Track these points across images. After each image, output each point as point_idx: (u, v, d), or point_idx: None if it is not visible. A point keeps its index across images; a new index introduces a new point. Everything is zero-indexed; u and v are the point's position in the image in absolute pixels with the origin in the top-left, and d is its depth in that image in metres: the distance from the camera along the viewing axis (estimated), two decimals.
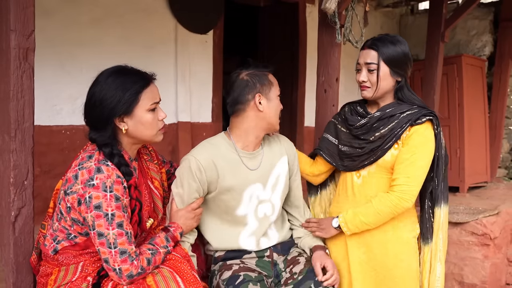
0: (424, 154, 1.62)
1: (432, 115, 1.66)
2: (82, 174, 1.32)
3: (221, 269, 1.61)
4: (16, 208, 1.43)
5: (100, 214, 1.29)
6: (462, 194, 3.77)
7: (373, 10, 4.82)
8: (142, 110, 1.40)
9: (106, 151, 1.36)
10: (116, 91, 1.36)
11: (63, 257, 1.40)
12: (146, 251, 1.39)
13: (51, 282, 1.40)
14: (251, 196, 1.65)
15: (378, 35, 1.76)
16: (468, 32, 4.52)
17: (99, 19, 2.93)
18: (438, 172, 1.69)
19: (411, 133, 1.63)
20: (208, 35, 3.54)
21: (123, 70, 1.43)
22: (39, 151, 2.79)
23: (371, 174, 1.72)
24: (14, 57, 1.40)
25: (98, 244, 1.32)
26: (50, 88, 2.83)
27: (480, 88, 4.11)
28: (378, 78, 1.66)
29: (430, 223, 1.72)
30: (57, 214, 1.41)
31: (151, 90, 1.43)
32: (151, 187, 1.55)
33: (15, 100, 1.42)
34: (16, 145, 1.42)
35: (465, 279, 2.97)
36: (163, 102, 3.61)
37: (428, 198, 1.72)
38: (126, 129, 1.40)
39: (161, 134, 1.49)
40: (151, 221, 1.51)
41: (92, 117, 1.40)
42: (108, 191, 1.30)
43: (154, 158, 1.65)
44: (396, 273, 1.69)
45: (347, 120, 1.80)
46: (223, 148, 1.61)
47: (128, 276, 1.32)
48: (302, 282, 1.57)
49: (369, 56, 1.67)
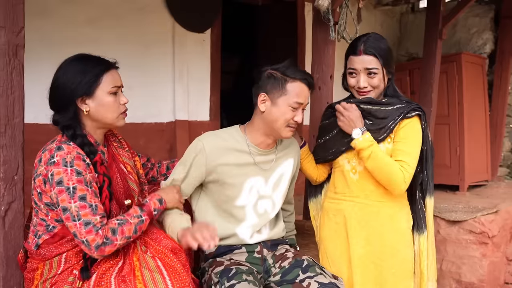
0: (415, 144, 1.70)
1: (420, 110, 1.72)
2: (45, 155, 1.37)
3: (212, 265, 1.63)
4: (6, 202, 1.45)
5: (62, 189, 1.32)
6: (462, 193, 3.75)
7: (373, 9, 4.81)
8: (103, 92, 1.45)
9: (69, 133, 1.41)
10: (78, 73, 1.42)
11: (45, 251, 1.42)
12: (112, 221, 1.40)
13: (37, 276, 1.42)
14: (251, 188, 1.67)
15: (363, 35, 1.76)
16: (468, 30, 4.49)
17: (96, 18, 2.96)
18: (427, 165, 1.77)
19: (402, 126, 1.70)
20: (206, 34, 3.56)
21: (86, 56, 1.49)
22: (37, 149, 2.80)
23: (367, 169, 1.74)
24: (3, 54, 1.42)
25: (65, 219, 1.34)
26: (47, 86, 2.86)
27: (481, 86, 4.09)
28: (380, 82, 1.70)
29: (422, 213, 1.80)
30: (34, 208, 1.44)
31: (111, 74, 1.48)
32: (123, 170, 1.58)
33: (4, 96, 1.44)
34: (6, 140, 1.44)
35: (463, 277, 2.95)
36: (161, 100, 3.62)
37: (419, 190, 1.80)
38: (87, 110, 1.44)
39: (123, 119, 1.53)
40: (128, 202, 1.55)
41: (55, 100, 1.46)
42: (68, 166, 1.34)
43: (125, 146, 1.68)
44: (393, 263, 1.74)
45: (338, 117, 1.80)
46: (231, 139, 1.65)
47: (96, 247, 1.33)
48: (289, 270, 1.61)
49: (369, 62, 1.69)
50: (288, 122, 1.60)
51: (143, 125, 3.19)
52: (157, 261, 1.41)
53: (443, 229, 3.09)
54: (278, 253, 1.73)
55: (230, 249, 1.68)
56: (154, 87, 3.27)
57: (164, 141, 3.35)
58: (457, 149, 3.80)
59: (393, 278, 1.74)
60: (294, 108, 1.59)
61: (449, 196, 3.69)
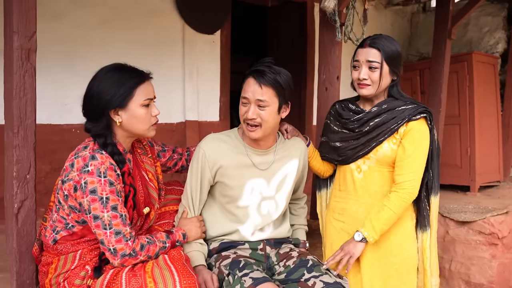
0: (423, 150, 1.71)
1: (427, 111, 1.73)
2: (78, 162, 1.40)
3: (218, 259, 1.65)
4: (19, 200, 1.51)
5: (95, 198, 1.37)
6: (472, 193, 3.71)
7: (383, 9, 4.80)
8: (135, 104, 1.47)
9: (100, 141, 1.45)
10: (113, 85, 1.44)
11: (62, 246, 1.47)
12: (143, 237, 1.47)
13: (51, 270, 1.47)
14: (252, 190, 1.69)
15: (374, 35, 1.79)
16: (480, 29, 4.44)
17: (108, 20, 3.02)
18: (433, 165, 1.78)
19: (409, 129, 1.70)
20: (216, 35, 3.60)
21: (121, 66, 1.51)
22: (51, 149, 2.89)
23: (372, 168, 1.77)
24: (16, 58, 1.48)
25: (94, 226, 1.39)
26: (61, 88, 2.93)
27: (493, 86, 4.04)
28: (381, 76, 1.71)
29: (426, 211, 1.81)
30: (56, 205, 1.49)
31: (145, 87, 1.50)
32: (145, 178, 1.63)
33: (17, 98, 1.49)
34: (18, 141, 1.50)
35: (472, 278, 2.93)
36: (171, 101, 3.68)
37: (424, 189, 1.79)
38: (120, 121, 1.48)
39: (154, 130, 1.56)
40: (147, 209, 1.59)
41: (88, 109, 1.48)
42: (102, 176, 1.38)
43: (148, 152, 1.72)
44: (397, 260, 1.77)
45: (341, 115, 1.84)
46: (230, 142, 1.67)
47: (121, 256, 1.39)
48: (294, 270, 1.62)
49: (371, 54, 1.71)
50: (243, 118, 1.61)
51: None
52: (165, 258, 1.47)
53: (452, 230, 3.07)
54: (282, 251, 1.75)
55: (234, 245, 1.71)
56: (164, 88, 3.31)
57: (174, 141, 3.40)
58: (468, 149, 3.77)
59: (396, 274, 1.76)
60: (243, 104, 1.60)
61: (460, 196, 3.66)
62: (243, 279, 1.47)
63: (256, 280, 1.45)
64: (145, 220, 1.61)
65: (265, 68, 1.57)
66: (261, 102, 1.56)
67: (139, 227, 1.59)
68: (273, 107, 1.58)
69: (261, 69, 1.57)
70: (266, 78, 1.55)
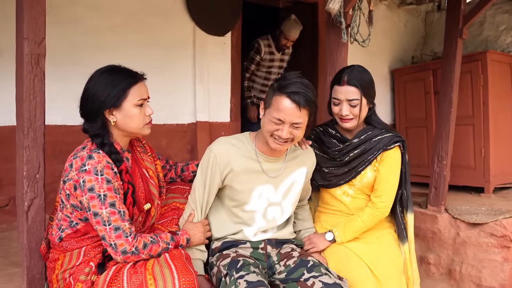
0: (396, 173, 1.92)
1: (400, 140, 1.90)
2: (76, 162, 1.47)
3: (219, 258, 1.69)
4: (29, 199, 1.59)
5: (93, 195, 1.43)
6: (487, 195, 3.65)
7: (397, 8, 4.74)
8: (129, 104, 1.53)
9: (97, 141, 1.52)
10: (107, 86, 1.51)
11: (67, 243, 1.54)
12: (146, 236, 1.52)
13: (58, 266, 1.54)
14: (260, 195, 1.72)
15: (347, 67, 1.90)
16: (497, 27, 4.34)
17: (120, 25, 3.09)
18: (406, 185, 1.99)
19: (385, 156, 1.89)
20: (226, 37, 3.63)
21: (115, 68, 1.58)
22: (65, 149, 2.96)
23: (357, 192, 1.96)
24: (27, 63, 1.56)
25: (95, 223, 1.46)
26: (75, 90, 3.01)
27: (508, 85, 3.95)
28: (361, 110, 1.85)
29: (403, 225, 2.00)
30: (60, 204, 1.56)
31: (139, 87, 1.56)
32: (146, 175, 1.68)
33: (27, 101, 1.57)
34: (28, 141, 1.58)
35: (483, 281, 2.89)
36: (182, 102, 3.73)
37: (399, 205, 2.00)
38: (115, 121, 1.54)
39: (148, 128, 1.62)
40: (148, 206, 1.65)
41: (85, 109, 1.55)
42: (99, 175, 1.44)
43: (148, 150, 1.78)
44: (387, 259, 1.85)
45: (323, 142, 1.97)
46: (242, 146, 1.70)
47: (122, 252, 1.45)
48: (294, 269, 1.65)
49: (351, 93, 1.83)
50: (272, 133, 1.60)
51: (164, 126, 3.30)
52: (166, 256, 1.52)
53: (463, 232, 3.04)
54: (283, 251, 1.78)
55: (235, 244, 1.74)
56: (175, 89, 3.38)
57: (185, 142, 3.46)
58: (482, 150, 3.71)
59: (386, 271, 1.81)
60: (275, 123, 1.58)
61: (473, 198, 3.60)
62: (238, 281, 1.50)
63: (250, 283, 1.48)
64: (146, 216, 1.66)
65: (301, 89, 1.54)
66: (297, 124, 1.58)
67: (141, 223, 1.64)
68: (305, 124, 1.62)
69: (297, 91, 1.54)
70: (303, 100, 1.54)
